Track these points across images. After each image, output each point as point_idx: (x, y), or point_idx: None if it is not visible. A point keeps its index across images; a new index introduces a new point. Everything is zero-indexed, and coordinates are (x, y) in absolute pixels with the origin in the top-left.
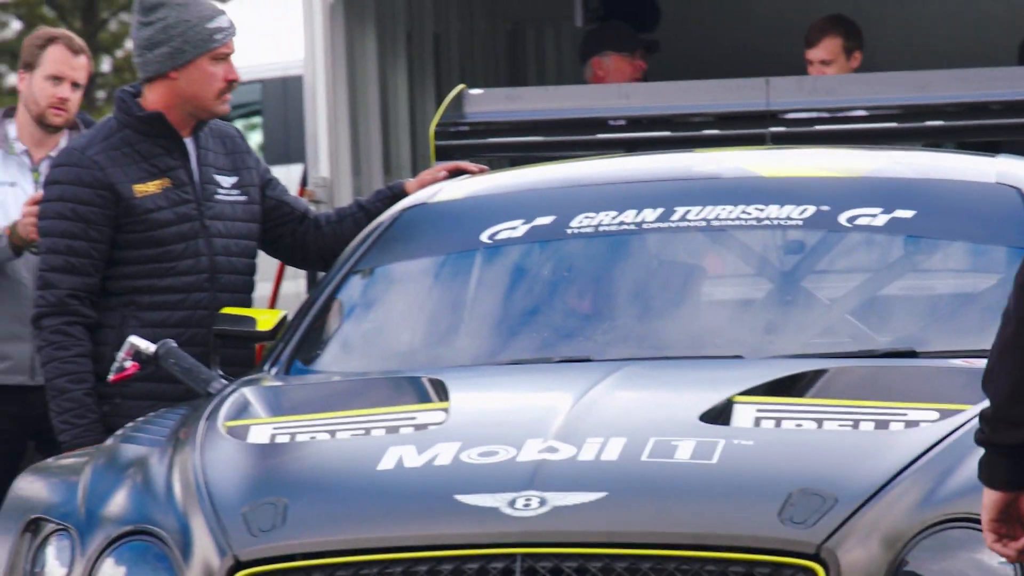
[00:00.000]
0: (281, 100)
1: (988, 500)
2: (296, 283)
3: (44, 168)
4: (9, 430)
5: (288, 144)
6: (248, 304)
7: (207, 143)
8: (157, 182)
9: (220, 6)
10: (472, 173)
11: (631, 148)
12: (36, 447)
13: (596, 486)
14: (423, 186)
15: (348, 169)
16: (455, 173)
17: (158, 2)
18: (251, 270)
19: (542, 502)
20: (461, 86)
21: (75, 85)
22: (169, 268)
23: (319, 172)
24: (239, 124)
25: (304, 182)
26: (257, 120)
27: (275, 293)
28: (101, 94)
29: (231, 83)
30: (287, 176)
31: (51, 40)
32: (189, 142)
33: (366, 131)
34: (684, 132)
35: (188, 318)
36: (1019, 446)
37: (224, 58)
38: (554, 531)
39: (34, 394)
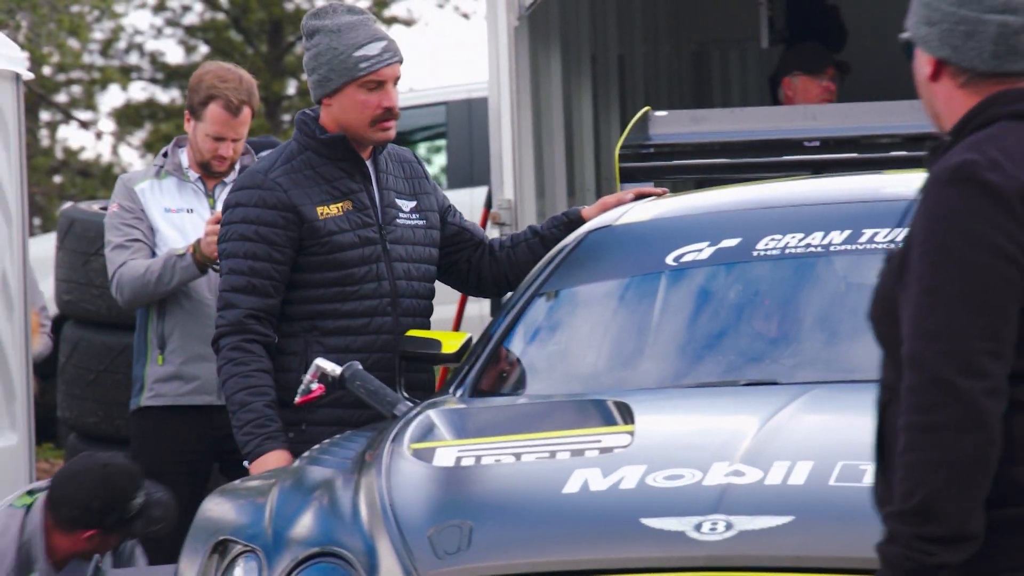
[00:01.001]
0: (466, 122)
1: None
2: (480, 305)
3: (219, 193)
4: (196, 450)
5: (472, 166)
6: (428, 328)
7: (387, 167)
8: (339, 204)
9: (386, 29)
10: (656, 196)
11: (818, 170)
12: (220, 469)
13: (783, 510)
14: (604, 211)
15: (532, 191)
16: (639, 197)
17: (316, 27)
18: (431, 294)
19: (728, 526)
20: (646, 108)
21: (236, 140)
22: (352, 292)
23: (504, 194)
24: (423, 147)
25: (488, 204)
26: (441, 142)
27: (459, 316)
28: (286, 117)
29: (388, 110)
30: (471, 199)
31: (212, 97)
32: (369, 164)
33: (550, 153)
34: (872, 154)
35: (371, 343)
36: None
37: (378, 86)
38: (740, 555)
39: (220, 414)
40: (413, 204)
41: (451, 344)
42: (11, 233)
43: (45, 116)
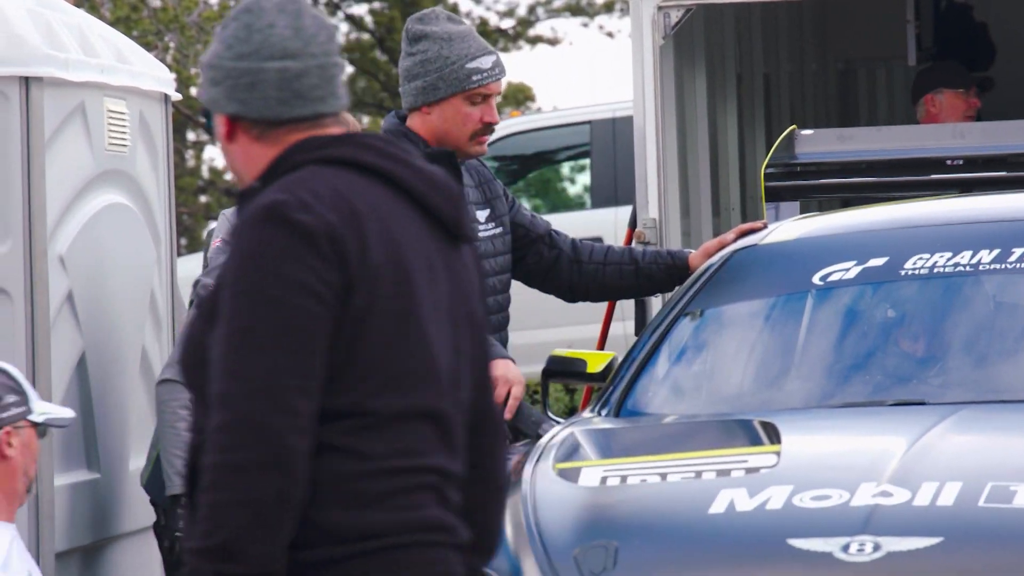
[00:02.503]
0: (610, 141)
1: None
2: (624, 325)
3: None
4: None
5: (616, 185)
6: (506, 338)
7: (465, 179)
8: None
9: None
10: (756, 231)
11: (965, 189)
12: None
13: (932, 531)
14: (708, 257)
15: (677, 210)
16: (741, 236)
17: (423, 33)
18: (508, 303)
19: (876, 547)
20: (792, 127)
21: None
22: None
23: (648, 213)
24: (567, 166)
25: (633, 224)
26: (585, 162)
27: (604, 335)
28: None
29: (488, 126)
30: (615, 218)
31: None
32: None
33: (695, 172)
34: (1021, 172)
35: None
36: None
37: (483, 100)
38: None
39: None
40: (487, 212)
41: (596, 364)
42: (159, 253)
43: (192, 136)
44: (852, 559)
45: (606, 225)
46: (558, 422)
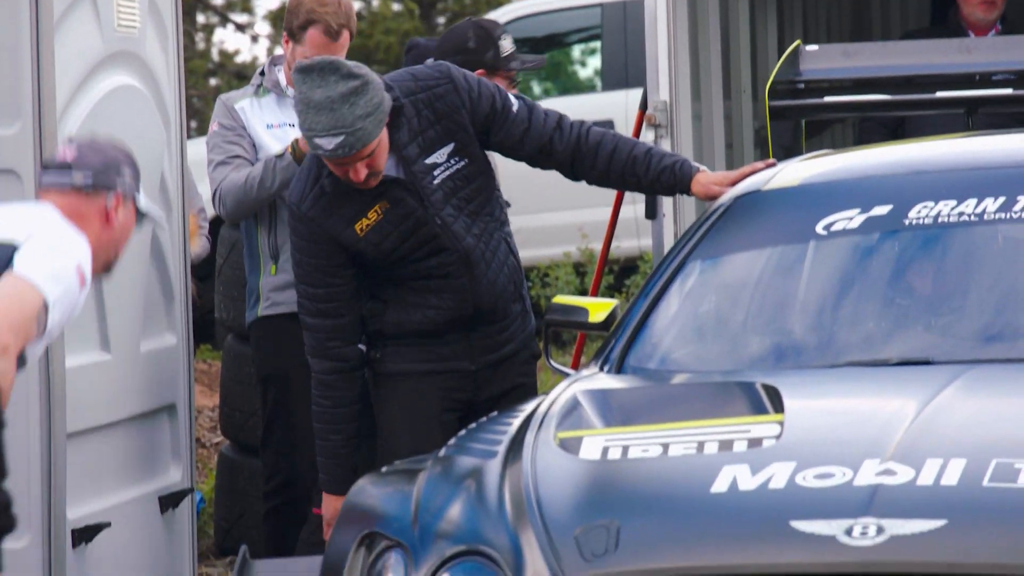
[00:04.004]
0: (620, 24)
1: None
2: (635, 208)
3: None
4: None
5: (627, 68)
6: (501, 243)
7: (413, 124)
8: (375, 208)
9: None
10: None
11: (972, 107)
12: None
13: (936, 513)
14: (711, 190)
15: (688, 93)
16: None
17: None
18: (501, 221)
19: (879, 530)
20: (797, 42)
21: None
22: (422, 268)
23: (659, 96)
24: (577, 49)
25: (644, 106)
26: (596, 44)
27: (613, 220)
28: (441, 20)
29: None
30: (626, 100)
31: (311, 22)
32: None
33: (706, 55)
34: None
35: (452, 300)
36: None
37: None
38: (892, 561)
39: None
40: (451, 147)
41: (598, 313)
42: (169, 135)
43: (201, 19)
44: (855, 543)
45: (617, 108)
46: (562, 372)
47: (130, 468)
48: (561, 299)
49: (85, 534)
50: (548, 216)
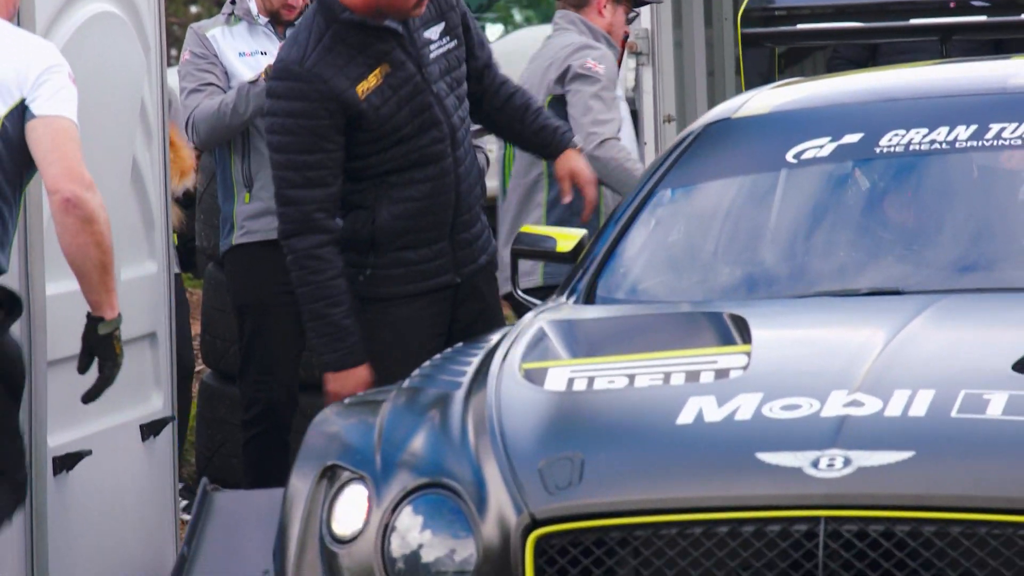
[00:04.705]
0: None
1: None
2: None
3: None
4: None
5: None
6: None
7: None
8: (376, 71)
9: None
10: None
11: (946, 35)
12: None
13: (903, 444)
14: (567, 171)
15: (669, 21)
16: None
17: None
18: (468, 112)
19: (846, 462)
20: None
21: None
22: (412, 147)
23: (640, 24)
24: None
25: (625, 35)
26: None
27: None
28: None
29: None
30: None
31: None
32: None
33: None
34: (1010, 16)
35: (437, 188)
36: None
37: None
38: (859, 493)
39: None
40: (442, 26)
41: (565, 243)
42: (149, 62)
43: None
44: (822, 475)
45: None
46: (530, 302)
47: (111, 396)
48: (529, 228)
49: (66, 462)
50: None
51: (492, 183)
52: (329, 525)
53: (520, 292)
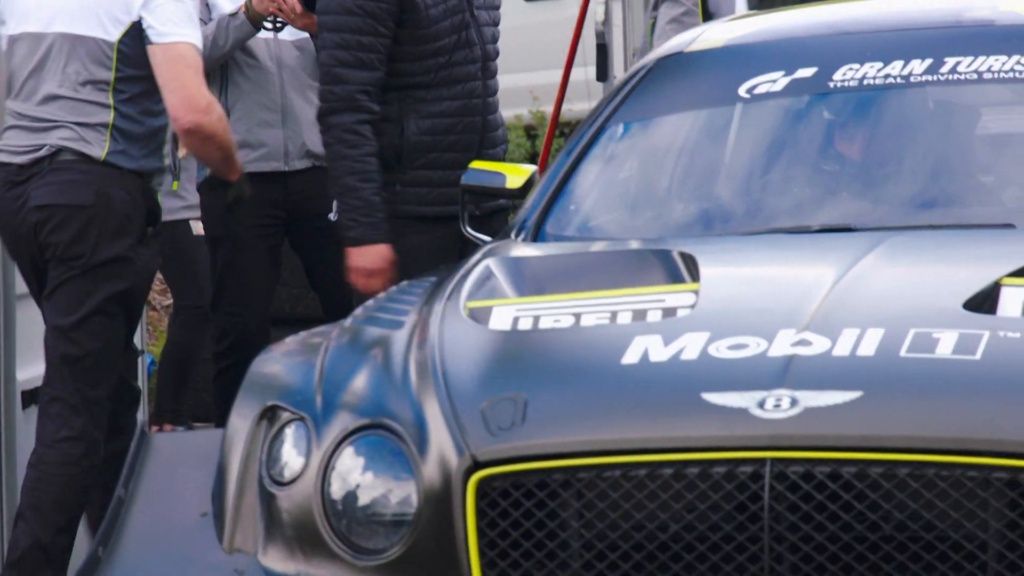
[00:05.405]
0: None
1: None
2: (586, 71)
3: None
4: (271, 215)
5: None
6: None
7: None
8: None
9: None
10: None
11: None
12: (290, 243)
13: (851, 384)
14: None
15: None
16: None
17: None
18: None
19: (793, 402)
20: None
21: None
22: (444, 61)
23: None
24: None
25: None
26: None
27: (564, 80)
28: None
29: None
30: None
31: None
32: None
33: None
34: None
35: (463, 107)
36: None
37: None
38: (805, 434)
39: (292, 180)
40: None
41: (515, 179)
42: None
43: None
44: (768, 415)
45: None
46: (478, 239)
47: None
48: (478, 164)
49: (36, 396)
50: (499, 79)
51: None
52: (268, 467)
53: (469, 229)
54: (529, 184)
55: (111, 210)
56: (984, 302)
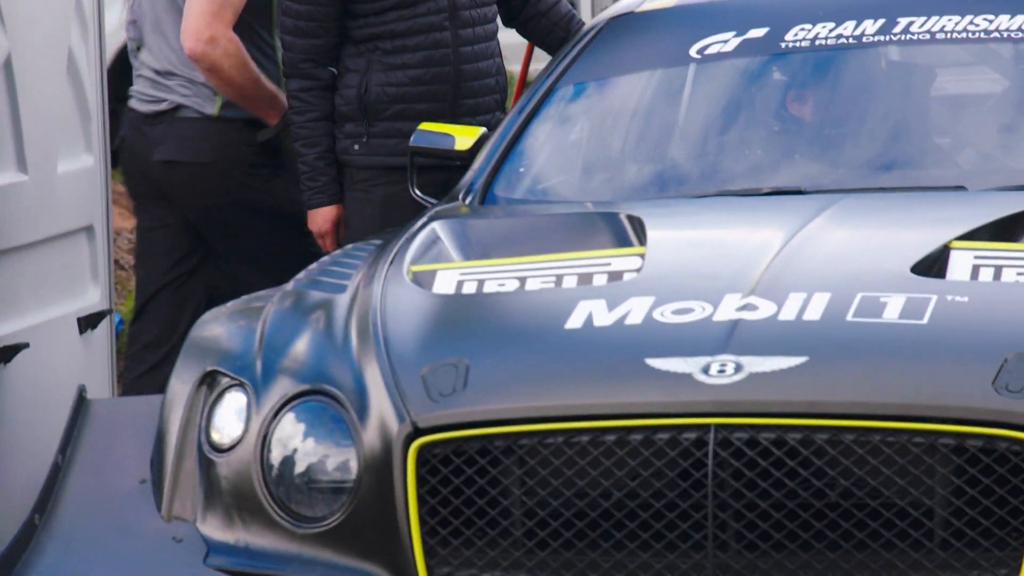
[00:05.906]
0: None
1: None
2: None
3: None
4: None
5: None
6: (493, 41)
7: None
8: None
9: None
10: None
11: None
12: None
13: (796, 350)
14: None
15: None
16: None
17: None
18: (493, 13)
19: (737, 368)
20: None
21: None
22: (407, 12)
23: None
24: None
25: None
26: None
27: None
28: None
29: None
30: None
31: None
32: None
33: None
34: None
35: (429, 58)
36: None
37: None
38: (750, 400)
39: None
40: None
41: (464, 140)
42: None
43: None
44: (712, 381)
45: None
46: (426, 201)
47: (48, 289)
48: (427, 125)
49: (3, 355)
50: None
51: None
52: (208, 433)
53: (417, 191)
54: (479, 145)
55: (233, 162)
56: (933, 266)
